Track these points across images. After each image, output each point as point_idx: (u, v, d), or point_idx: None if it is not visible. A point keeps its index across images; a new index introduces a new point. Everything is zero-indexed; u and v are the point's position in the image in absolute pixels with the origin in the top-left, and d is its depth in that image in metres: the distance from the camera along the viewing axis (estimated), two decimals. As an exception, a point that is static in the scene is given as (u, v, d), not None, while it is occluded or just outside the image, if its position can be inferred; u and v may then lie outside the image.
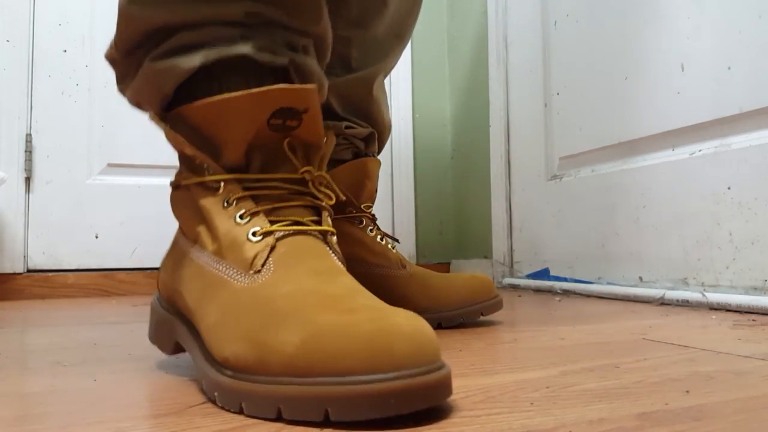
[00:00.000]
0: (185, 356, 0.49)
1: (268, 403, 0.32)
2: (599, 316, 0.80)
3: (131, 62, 0.47)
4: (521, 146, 1.39)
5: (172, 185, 0.47)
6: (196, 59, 0.43)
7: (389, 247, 0.74)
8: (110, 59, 0.48)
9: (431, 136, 1.71)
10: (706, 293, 0.86)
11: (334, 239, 0.42)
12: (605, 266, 1.10)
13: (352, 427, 0.30)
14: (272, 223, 0.40)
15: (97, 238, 1.37)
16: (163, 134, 0.44)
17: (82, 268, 1.35)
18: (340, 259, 0.41)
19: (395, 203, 1.66)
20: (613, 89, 1.10)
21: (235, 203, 0.41)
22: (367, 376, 0.29)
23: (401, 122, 1.67)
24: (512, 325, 0.73)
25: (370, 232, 0.74)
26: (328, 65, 0.74)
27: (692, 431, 0.30)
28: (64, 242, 1.35)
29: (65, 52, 1.38)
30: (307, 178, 0.42)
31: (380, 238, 0.74)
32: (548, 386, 0.39)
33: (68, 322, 0.85)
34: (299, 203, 0.42)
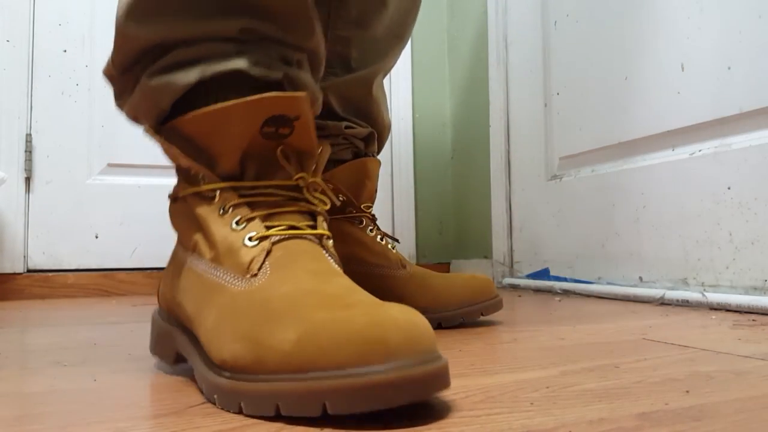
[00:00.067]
0: (185, 356, 0.49)
1: (266, 400, 0.32)
2: (599, 316, 0.80)
3: (128, 79, 0.47)
4: (521, 146, 1.39)
5: (170, 198, 0.47)
6: (192, 75, 0.43)
7: (389, 247, 0.74)
8: (108, 76, 0.49)
9: (431, 135, 1.71)
10: (706, 293, 0.86)
11: (330, 243, 0.43)
12: (605, 266, 1.10)
13: (351, 426, 0.30)
14: (268, 228, 0.40)
15: (97, 238, 1.37)
16: (159, 146, 0.45)
17: (82, 268, 1.35)
18: (336, 261, 0.42)
19: (395, 203, 1.65)
20: (613, 89, 1.10)
21: (231, 210, 0.41)
22: (363, 368, 0.29)
23: (401, 122, 1.67)
24: (512, 325, 0.73)
25: (370, 232, 0.74)
26: (328, 65, 0.75)
27: (692, 431, 0.30)
28: (64, 242, 1.35)
29: (65, 52, 1.38)
30: (301, 184, 0.43)
31: (380, 238, 0.74)
32: (548, 386, 0.39)
33: (68, 322, 0.85)
34: (294, 209, 0.42)
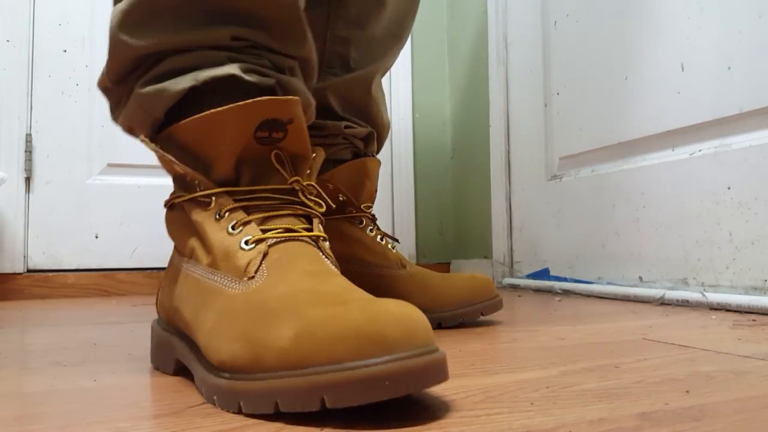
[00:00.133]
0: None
1: (264, 398, 0.32)
2: (599, 316, 0.80)
3: (123, 90, 0.48)
4: (521, 146, 1.39)
5: (165, 205, 0.47)
6: (184, 82, 0.44)
7: (389, 246, 0.74)
8: (103, 88, 0.49)
9: (431, 135, 1.71)
10: (706, 293, 0.86)
11: (326, 245, 0.43)
12: (605, 266, 1.10)
13: (351, 426, 0.30)
14: (264, 231, 0.40)
15: (97, 238, 1.37)
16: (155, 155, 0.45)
17: (82, 268, 1.35)
18: (333, 263, 0.42)
19: (395, 203, 1.65)
20: (613, 89, 1.10)
21: (227, 215, 0.41)
22: (361, 361, 0.29)
23: (401, 122, 1.67)
24: (512, 325, 0.73)
25: (369, 232, 0.74)
26: (327, 65, 0.75)
27: (692, 431, 0.30)
28: (64, 242, 1.35)
29: (65, 52, 1.38)
30: (296, 187, 0.43)
31: (380, 238, 0.74)
32: (548, 386, 0.39)
33: (68, 322, 0.85)
34: (290, 212, 0.42)
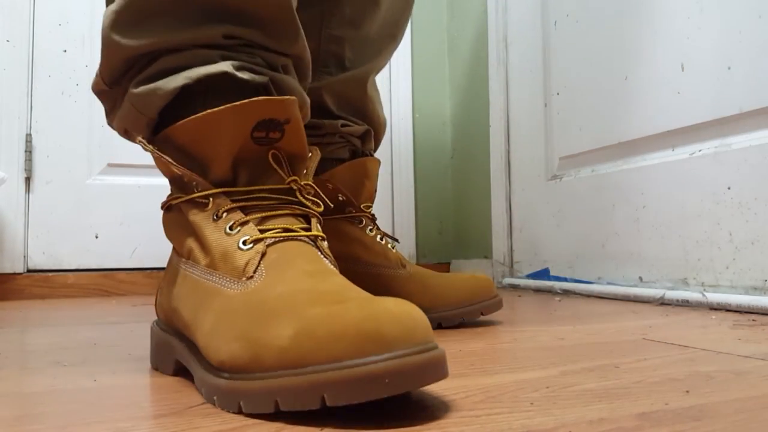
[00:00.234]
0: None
1: (264, 397, 0.32)
2: (599, 316, 0.80)
3: (118, 92, 0.48)
4: (521, 146, 1.39)
5: (163, 207, 0.47)
6: (177, 80, 0.44)
7: (389, 246, 0.74)
8: (97, 91, 0.49)
9: (431, 135, 1.71)
10: (706, 293, 0.86)
11: (325, 244, 0.43)
12: (605, 266, 1.10)
13: (351, 426, 0.30)
14: (262, 231, 0.40)
15: (97, 238, 1.37)
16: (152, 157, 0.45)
17: (82, 268, 1.35)
18: (332, 262, 0.42)
19: (395, 203, 1.65)
20: (613, 89, 1.10)
21: (224, 215, 0.41)
22: (360, 359, 0.29)
23: (401, 121, 1.67)
24: (512, 325, 0.73)
25: (369, 231, 0.74)
26: (322, 64, 0.75)
27: (692, 431, 0.30)
28: (64, 242, 1.35)
29: (65, 52, 1.38)
30: (294, 187, 0.43)
31: (380, 237, 0.74)
32: (548, 386, 0.39)
33: (68, 322, 0.85)
34: (288, 212, 0.42)
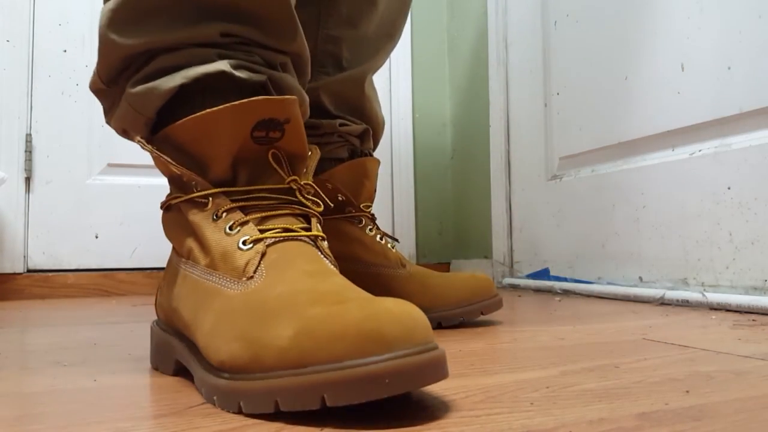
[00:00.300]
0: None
1: (264, 397, 0.32)
2: (599, 316, 0.80)
3: (116, 92, 0.47)
4: (521, 146, 1.39)
5: (162, 207, 0.47)
6: (175, 80, 0.44)
7: (389, 246, 0.74)
8: (95, 90, 0.49)
9: (431, 135, 1.71)
10: (706, 293, 0.86)
11: (325, 244, 0.43)
12: (605, 266, 1.10)
13: (351, 426, 0.30)
14: (262, 231, 0.40)
15: (97, 238, 1.37)
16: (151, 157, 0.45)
17: (82, 268, 1.35)
18: (332, 262, 0.42)
19: (395, 203, 1.65)
20: (613, 89, 1.10)
21: (224, 216, 0.41)
22: (360, 359, 0.29)
23: (401, 122, 1.67)
24: (512, 324, 0.72)
25: (369, 231, 0.74)
26: (320, 64, 0.75)
27: (692, 431, 0.30)
28: (64, 242, 1.35)
29: (65, 52, 1.38)
30: (294, 187, 0.43)
31: (380, 237, 0.74)
32: (548, 386, 0.39)
33: (68, 322, 0.85)
34: (288, 211, 0.42)
